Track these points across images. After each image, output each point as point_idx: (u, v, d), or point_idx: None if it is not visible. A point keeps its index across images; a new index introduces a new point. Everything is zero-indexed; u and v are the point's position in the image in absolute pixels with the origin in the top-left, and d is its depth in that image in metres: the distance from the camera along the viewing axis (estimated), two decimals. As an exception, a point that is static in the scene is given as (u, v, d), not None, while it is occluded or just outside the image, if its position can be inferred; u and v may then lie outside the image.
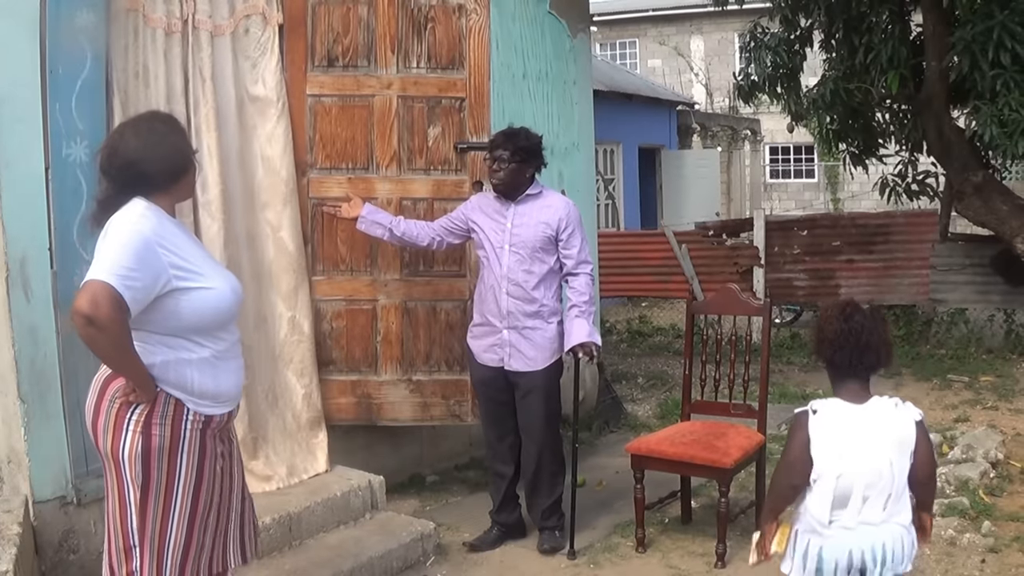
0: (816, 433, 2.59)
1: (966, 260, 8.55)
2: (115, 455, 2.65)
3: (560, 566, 4.21)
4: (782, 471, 2.67)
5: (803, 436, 2.60)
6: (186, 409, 2.68)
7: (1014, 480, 4.97)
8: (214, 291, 2.71)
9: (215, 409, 2.76)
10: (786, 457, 2.66)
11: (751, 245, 9.35)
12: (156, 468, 2.64)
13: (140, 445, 2.63)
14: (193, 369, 2.70)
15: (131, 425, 2.64)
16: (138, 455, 2.63)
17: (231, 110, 4.39)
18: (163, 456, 2.65)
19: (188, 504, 2.70)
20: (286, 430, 4.52)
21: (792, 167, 24.88)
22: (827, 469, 2.57)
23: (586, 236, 4.40)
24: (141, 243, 2.56)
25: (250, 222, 4.47)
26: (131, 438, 2.63)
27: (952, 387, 7.27)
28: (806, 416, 2.62)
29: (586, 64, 6.57)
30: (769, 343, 4.60)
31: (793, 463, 2.62)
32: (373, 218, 4.45)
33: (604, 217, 13.35)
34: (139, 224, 2.60)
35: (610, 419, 6.46)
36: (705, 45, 24.54)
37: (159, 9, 4.09)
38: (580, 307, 4.22)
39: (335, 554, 4.03)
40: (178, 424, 2.67)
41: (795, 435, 2.63)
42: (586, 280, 4.28)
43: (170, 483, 2.66)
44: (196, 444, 2.70)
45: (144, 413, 2.63)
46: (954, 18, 7.41)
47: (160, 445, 2.64)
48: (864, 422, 2.59)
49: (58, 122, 3.60)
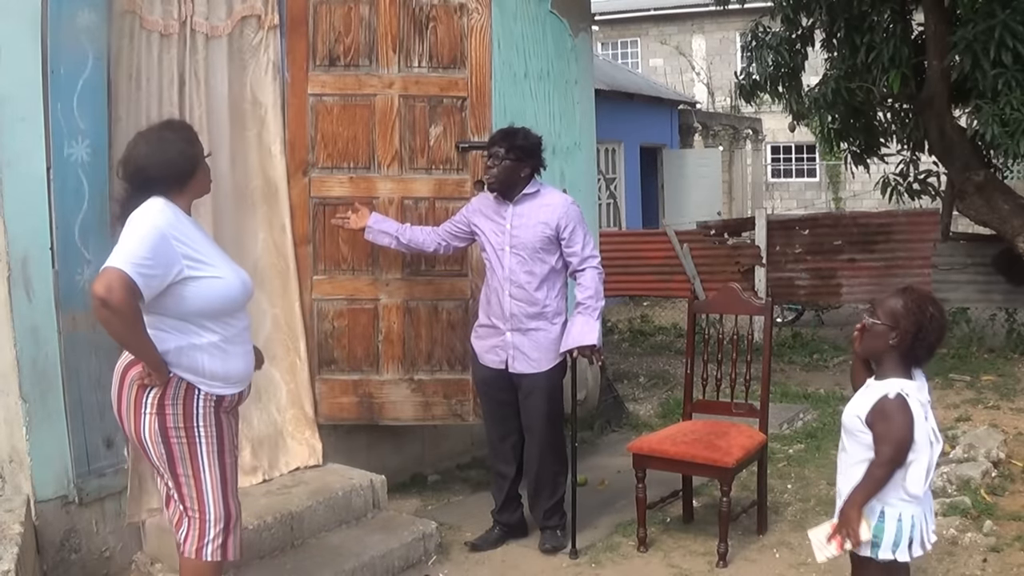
0: (915, 414, 2.75)
1: (968, 259, 8.54)
2: (139, 437, 2.93)
3: (562, 565, 4.21)
4: (892, 456, 2.74)
5: (909, 418, 2.74)
6: (197, 391, 2.92)
7: (1016, 479, 4.97)
8: (223, 280, 2.95)
9: (225, 389, 2.99)
10: (898, 441, 2.74)
11: (753, 244, 9.34)
12: (176, 441, 2.90)
13: (157, 424, 2.89)
14: (203, 353, 2.93)
15: (147, 408, 2.89)
16: (157, 434, 2.89)
17: (224, 112, 4.40)
18: (180, 432, 2.90)
19: (217, 469, 2.96)
20: (271, 423, 4.55)
21: (794, 166, 24.87)
22: (924, 444, 2.75)
23: (589, 230, 4.37)
24: (157, 235, 2.81)
25: (239, 223, 4.48)
26: (148, 420, 2.89)
27: (954, 386, 7.26)
28: (904, 399, 2.75)
29: (587, 63, 6.56)
30: (771, 342, 4.60)
31: (905, 445, 2.74)
32: (380, 227, 4.46)
33: (606, 216, 13.34)
34: (156, 219, 2.85)
35: (612, 418, 6.46)
36: (707, 44, 24.53)
37: (156, 11, 4.09)
38: (585, 304, 4.21)
39: (337, 553, 4.03)
40: (190, 402, 2.91)
41: (900, 418, 2.74)
42: (592, 275, 4.25)
43: (193, 451, 2.92)
44: (211, 419, 2.95)
45: (158, 396, 2.88)
46: (956, 17, 7.41)
47: (175, 424, 2.90)
48: (923, 399, 2.82)
49: (59, 122, 3.61)
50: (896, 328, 2.77)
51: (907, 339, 2.77)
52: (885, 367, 2.84)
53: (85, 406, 3.69)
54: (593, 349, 4.21)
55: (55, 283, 3.59)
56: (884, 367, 2.84)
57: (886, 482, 2.76)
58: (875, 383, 2.85)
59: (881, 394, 2.77)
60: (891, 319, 2.79)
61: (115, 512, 3.83)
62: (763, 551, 4.29)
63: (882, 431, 2.75)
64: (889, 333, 2.78)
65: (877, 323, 2.81)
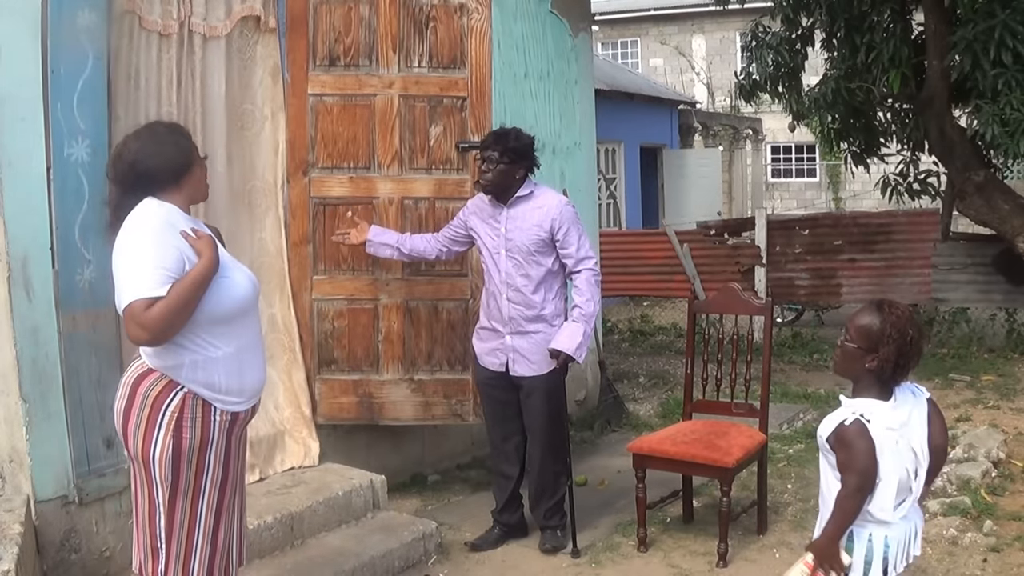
0: (876, 438, 2.57)
1: (968, 259, 8.54)
2: (145, 456, 2.71)
3: (562, 565, 4.21)
4: (859, 485, 2.58)
5: (869, 445, 2.56)
6: (213, 408, 2.75)
7: (1016, 479, 4.97)
8: (230, 280, 2.78)
9: (240, 405, 2.83)
10: (860, 471, 2.57)
11: (753, 244, 9.34)
12: (185, 469, 2.71)
13: (171, 447, 2.69)
14: (219, 366, 2.75)
15: (162, 427, 2.69)
16: (169, 457, 2.69)
17: (222, 112, 4.41)
18: (192, 457, 2.72)
19: (215, 504, 2.78)
20: (268, 422, 4.56)
21: (794, 166, 24.86)
22: (891, 468, 2.58)
23: (584, 230, 4.33)
24: (152, 238, 2.65)
25: (236, 223, 4.49)
26: (163, 439, 2.69)
27: (954, 386, 7.26)
28: (863, 425, 2.57)
29: (587, 63, 6.57)
30: (771, 342, 4.60)
31: (869, 473, 2.57)
32: (380, 240, 4.47)
33: (606, 216, 13.34)
34: (149, 221, 2.68)
35: (612, 418, 6.46)
36: (707, 44, 24.52)
37: (155, 11, 4.09)
38: (579, 308, 4.20)
39: (337, 553, 4.03)
40: (207, 425, 2.74)
41: (860, 445, 2.56)
42: (587, 277, 4.23)
43: (198, 484, 2.74)
44: (223, 445, 2.79)
45: (175, 415, 2.70)
46: (955, 17, 7.41)
47: (191, 447, 2.71)
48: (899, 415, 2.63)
49: (60, 122, 3.60)
50: (874, 353, 2.59)
51: (887, 367, 2.58)
52: (859, 386, 2.67)
53: (85, 406, 3.69)
54: (567, 358, 4.17)
55: (55, 283, 3.59)
56: (858, 386, 2.67)
57: (857, 512, 2.61)
58: (846, 401, 2.68)
59: (842, 418, 2.60)
60: (867, 341, 2.59)
61: (115, 512, 3.83)
62: (763, 551, 4.29)
63: (844, 460, 2.59)
64: (865, 356, 2.59)
65: (851, 345, 2.62)
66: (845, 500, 2.58)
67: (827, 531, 2.63)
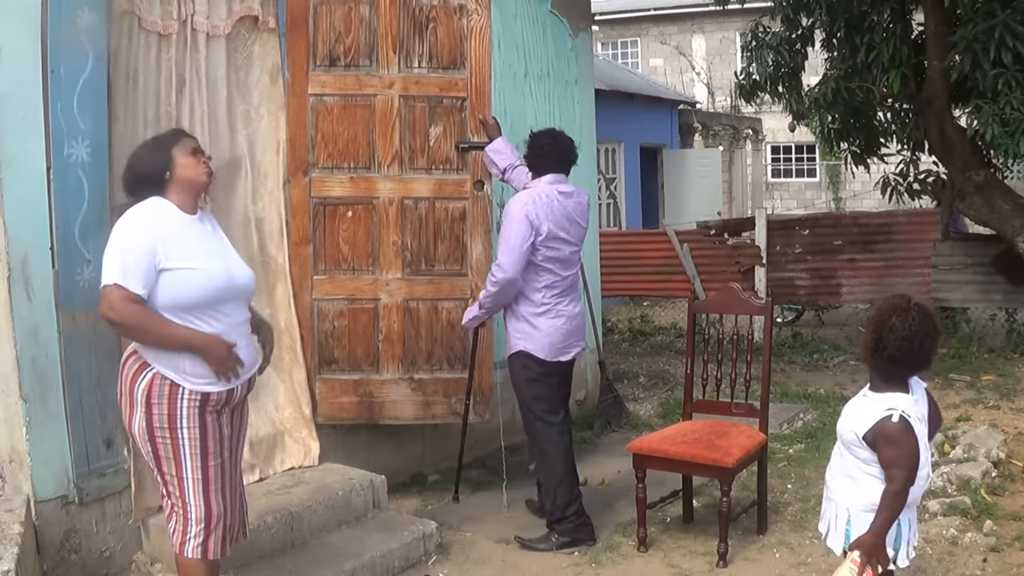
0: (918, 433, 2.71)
1: (968, 259, 8.53)
2: (130, 430, 3.05)
3: (562, 565, 4.21)
4: (908, 480, 2.69)
5: (915, 441, 2.70)
6: (181, 389, 2.97)
7: (1016, 479, 4.97)
8: (201, 272, 3.00)
9: (211, 387, 3.02)
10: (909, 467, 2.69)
11: (753, 244, 9.34)
12: (161, 443, 2.98)
13: (144, 423, 2.98)
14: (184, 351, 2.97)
15: (138, 404, 2.98)
16: (144, 431, 2.98)
17: (222, 112, 4.41)
18: (164, 433, 2.98)
19: (200, 476, 3.00)
20: (268, 422, 4.56)
21: (794, 166, 24.87)
22: (925, 458, 2.74)
23: (515, 232, 4.18)
24: (133, 235, 2.94)
25: (230, 222, 4.47)
26: (140, 415, 2.98)
27: (954, 386, 7.26)
28: (907, 422, 2.69)
29: (587, 63, 6.57)
30: (771, 342, 4.60)
31: (916, 466, 2.70)
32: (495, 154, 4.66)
33: (606, 216, 13.36)
34: (132, 216, 2.99)
35: (612, 418, 6.45)
36: (707, 44, 24.53)
37: (155, 11, 4.09)
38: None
39: (337, 553, 4.03)
40: (174, 402, 2.97)
41: (908, 443, 2.69)
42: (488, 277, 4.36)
43: (177, 456, 2.99)
44: (195, 420, 2.99)
45: (145, 393, 2.96)
46: (955, 17, 7.40)
47: (160, 424, 2.97)
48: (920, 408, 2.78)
49: (60, 121, 3.61)
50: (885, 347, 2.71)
51: (867, 350, 2.72)
52: (873, 378, 2.80)
53: (85, 406, 3.70)
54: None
55: (55, 283, 3.59)
56: (872, 378, 2.81)
57: (903, 505, 2.71)
58: (871, 395, 2.79)
59: (882, 415, 2.70)
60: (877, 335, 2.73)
61: (115, 512, 3.84)
62: (763, 551, 4.29)
63: (892, 457, 2.69)
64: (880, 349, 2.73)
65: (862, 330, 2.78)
66: (896, 496, 2.68)
67: (876, 527, 2.71)
